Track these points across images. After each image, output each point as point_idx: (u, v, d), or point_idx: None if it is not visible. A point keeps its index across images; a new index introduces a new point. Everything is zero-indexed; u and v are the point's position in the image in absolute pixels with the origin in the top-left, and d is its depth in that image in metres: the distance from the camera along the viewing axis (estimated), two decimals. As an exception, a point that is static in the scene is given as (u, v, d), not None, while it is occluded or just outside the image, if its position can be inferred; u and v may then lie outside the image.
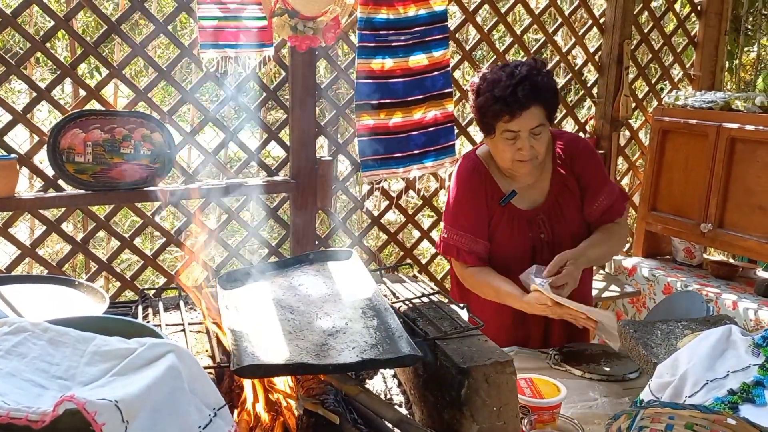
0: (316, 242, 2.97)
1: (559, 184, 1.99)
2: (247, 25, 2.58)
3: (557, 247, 1.95)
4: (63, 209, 2.69)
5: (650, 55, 3.54)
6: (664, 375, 1.40)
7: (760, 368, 1.30)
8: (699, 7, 3.56)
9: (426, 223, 4.07)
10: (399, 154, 2.93)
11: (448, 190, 2.08)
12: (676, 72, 3.66)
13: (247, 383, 1.28)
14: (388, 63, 2.82)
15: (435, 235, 3.77)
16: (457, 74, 3.35)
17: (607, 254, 2.14)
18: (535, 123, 1.83)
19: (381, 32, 2.79)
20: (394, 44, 2.82)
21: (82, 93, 2.61)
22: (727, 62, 4.44)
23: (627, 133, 3.58)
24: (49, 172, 2.51)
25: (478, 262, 1.99)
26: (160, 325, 1.33)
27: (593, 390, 1.67)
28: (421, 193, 3.15)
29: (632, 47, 3.40)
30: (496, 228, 1.98)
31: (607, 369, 1.76)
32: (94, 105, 2.62)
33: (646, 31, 3.50)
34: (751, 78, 5.66)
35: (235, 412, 1.25)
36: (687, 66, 3.63)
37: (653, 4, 3.60)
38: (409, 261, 3.27)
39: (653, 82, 3.60)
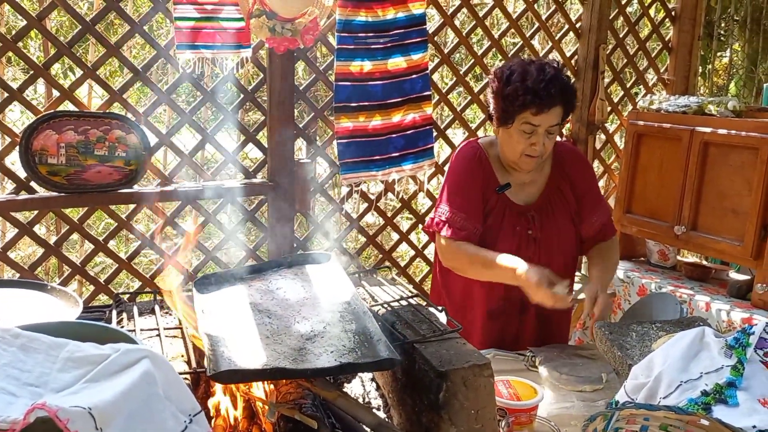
0: (295, 245, 2.96)
1: (554, 187, 2.05)
2: (224, 26, 2.56)
3: (542, 245, 2.01)
4: (35, 212, 2.64)
5: (625, 60, 3.59)
6: (638, 376, 1.42)
7: (733, 369, 1.32)
8: (673, 13, 3.61)
9: (405, 225, 4.07)
10: (378, 157, 2.93)
11: (446, 174, 2.10)
12: (651, 76, 3.71)
13: (220, 388, 1.27)
14: (367, 65, 2.82)
15: (414, 237, 3.77)
16: (435, 77, 3.35)
17: (613, 274, 2.20)
18: (555, 121, 1.89)
19: (360, 35, 2.78)
20: (372, 47, 2.81)
21: (56, 93, 2.57)
22: (700, 67, 4.52)
23: (603, 136, 3.62)
24: (21, 174, 2.47)
25: (468, 239, 1.99)
26: (134, 330, 1.31)
27: (569, 392, 1.68)
28: (400, 196, 3.15)
29: (608, 52, 3.44)
30: (488, 215, 2.00)
31: (584, 372, 1.77)
32: (67, 106, 2.58)
33: (621, 35, 3.54)
34: (723, 83, 5.76)
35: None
36: (661, 70, 3.68)
37: (629, 10, 3.65)
38: (388, 263, 3.27)
39: (628, 86, 3.64)
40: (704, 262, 3.28)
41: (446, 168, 2.16)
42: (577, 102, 1.99)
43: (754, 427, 1.20)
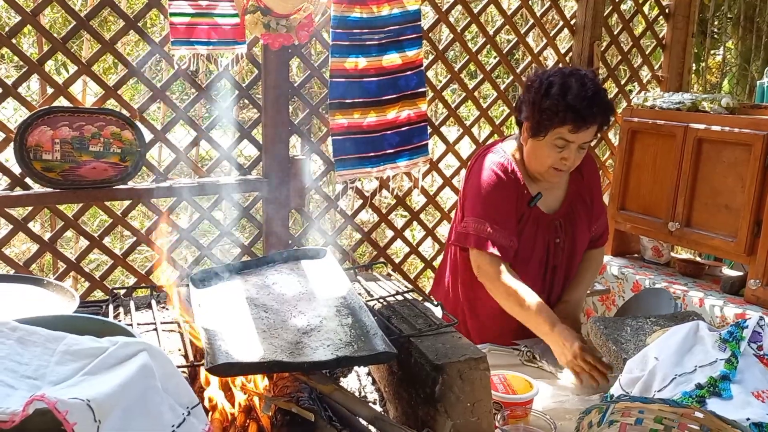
0: (290, 241, 2.96)
1: (575, 193, 2.04)
2: (219, 23, 2.55)
3: (566, 252, 2.02)
4: (30, 208, 2.63)
5: (620, 57, 3.60)
6: (633, 370, 1.43)
7: (727, 363, 1.33)
8: (667, 10, 3.62)
9: (399, 222, 4.07)
10: (373, 154, 2.93)
11: (467, 180, 2.02)
12: (645, 73, 3.73)
13: (216, 381, 1.27)
14: (362, 62, 2.82)
15: (408, 234, 3.78)
16: (430, 74, 3.35)
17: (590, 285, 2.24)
18: (590, 138, 1.85)
19: (354, 31, 2.78)
20: (367, 43, 2.82)
21: (50, 90, 2.56)
22: (694, 64, 4.54)
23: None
24: (16, 170, 2.46)
25: (507, 260, 1.93)
26: (131, 324, 1.31)
27: (564, 385, 1.69)
28: (395, 193, 3.16)
29: (602, 49, 3.45)
30: (523, 229, 1.97)
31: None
32: (62, 102, 2.57)
33: (615, 32, 3.55)
34: (716, 80, 5.78)
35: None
36: (655, 68, 3.70)
37: (623, 7, 3.66)
38: (382, 260, 3.28)
39: (622, 83, 3.66)
40: (698, 259, 3.30)
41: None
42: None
43: (748, 419, 1.21)
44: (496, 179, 1.94)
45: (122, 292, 1.60)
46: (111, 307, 1.42)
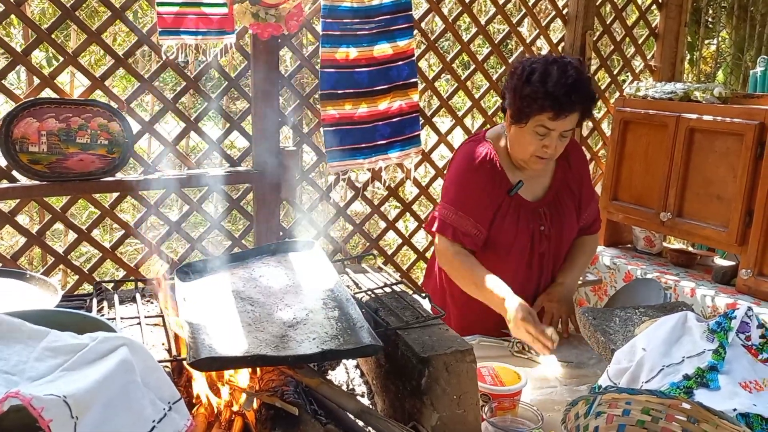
0: (281, 233, 2.94)
1: (561, 181, 2.04)
2: (207, 12, 2.52)
3: (553, 240, 2.02)
4: (17, 201, 2.61)
5: (612, 47, 3.58)
6: (621, 361, 1.42)
7: (714, 353, 1.33)
8: (660, 0, 3.61)
9: (392, 213, 4.06)
10: (365, 145, 2.91)
11: (448, 169, 2.05)
12: (638, 63, 3.71)
13: (203, 376, 1.26)
14: (353, 52, 2.80)
15: (401, 225, 3.77)
16: (422, 64, 3.33)
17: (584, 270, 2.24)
18: (571, 126, 1.85)
19: (345, 21, 2.76)
20: (358, 33, 2.79)
21: (37, 81, 2.53)
22: (687, 54, 4.52)
23: (589, 123, 3.62)
24: (2, 162, 2.43)
25: (472, 247, 1.97)
26: (115, 319, 1.30)
27: (553, 377, 1.69)
28: (387, 184, 3.14)
29: (595, 38, 3.43)
30: (504, 217, 1.97)
31: (568, 357, 1.78)
32: (49, 93, 2.55)
33: (608, 22, 3.53)
34: (711, 70, 5.77)
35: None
36: (648, 57, 3.68)
37: (615, -4, 3.64)
38: (374, 252, 3.27)
39: (615, 73, 3.64)
40: (690, 249, 3.30)
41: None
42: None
43: (735, 410, 1.21)
44: (467, 167, 1.98)
45: (109, 285, 1.59)
46: (95, 301, 1.41)
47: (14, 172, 2.45)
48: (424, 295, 1.54)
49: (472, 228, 1.95)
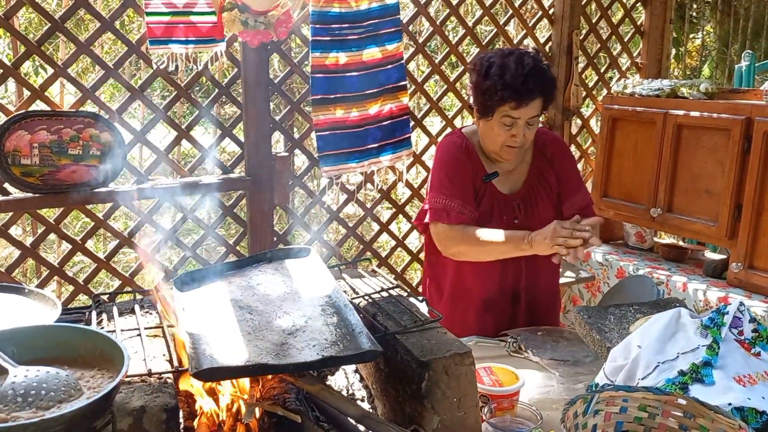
0: (275, 239, 2.95)
1: (537, 175, 2.07)
2: (196, 21, 2.53)
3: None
4: (10, 213, 2.60)
5: (599, 45, 3.61)
6: (617, 359, 1.44)
7: (708, 349, 1.35)
8: (644, -3, 3.64)
9: (385, 215, 4.07)
10: (356, 149, 2.92)
11: (433, 164, 2.09)
12: (624, 61, 3.74)
13: (204, 386, 1.27)
14: (342, 57, 2.81)
15: (394, 227, 3.78)
16: (411, 67, 3.35)
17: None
18: (535, 113, 1.90)
19: (334, 26, 2.77)
20: (347, 38, 2.80)
21: (27, 93, 2.53)
22: (673, 49, 4.57)
23: (578, 121, 3.65)
24: (-6, 175, 2.43)
25: (469, 224, 1.98)
26: (115, 331, 1.30)
27: (550, 376, 1.71)
28: (380, 186, 3.15)
29: (581, 37, 3.46)
30: (479, 205, 2.01)
31: (564, 356, 1.80)
32: (40, 105, 2.54)
33: (594, 21, 3.56)
34: (696, 64, 5.82)
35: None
36: (634, 55, 3.71)
37: (600, -5, 3.67)
38: (369, 254, 3.28)
39: (602, 71, 3.67)
40: (681, 243, 3.34)
41: (429, 160, 2.16)
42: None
43: (730, 404, 1.23)
44: (447, 154, 2.04)
45: (106, 296, 1.59)
46: (94, 313, 1.41)
47: (6, 185, 2.44)
48: (421, 298, 1.56)
49: (463, 207, 1.98)
